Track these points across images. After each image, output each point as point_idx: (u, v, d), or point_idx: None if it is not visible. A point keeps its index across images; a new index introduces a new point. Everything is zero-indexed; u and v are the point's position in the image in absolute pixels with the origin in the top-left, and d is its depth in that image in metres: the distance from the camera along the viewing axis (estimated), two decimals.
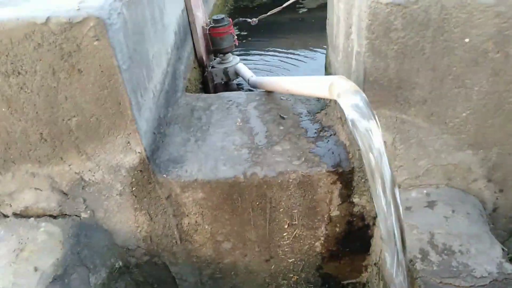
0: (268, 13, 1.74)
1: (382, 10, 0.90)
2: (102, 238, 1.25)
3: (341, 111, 0.85)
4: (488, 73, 0.96)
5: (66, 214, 1.22)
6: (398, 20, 0.90)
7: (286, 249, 1.35)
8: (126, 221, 1.25)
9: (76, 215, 1.22)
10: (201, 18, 2.03)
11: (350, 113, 0.80)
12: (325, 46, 1.77)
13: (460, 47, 0.93)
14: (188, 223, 1.28)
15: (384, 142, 1.08)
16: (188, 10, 1.83)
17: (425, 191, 1.16)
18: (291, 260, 1.38)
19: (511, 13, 0.88)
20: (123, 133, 1.08)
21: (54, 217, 1.21)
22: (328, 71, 1.72)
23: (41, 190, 1.17)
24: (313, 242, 1.33)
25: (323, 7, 1.59)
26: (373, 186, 0.83)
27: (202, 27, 2.04)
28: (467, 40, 0.92)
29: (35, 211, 1.21)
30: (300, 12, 3.79)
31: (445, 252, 1.02)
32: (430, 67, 0.96)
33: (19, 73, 0.97)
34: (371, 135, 0.77)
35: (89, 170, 1.14)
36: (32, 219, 1.20)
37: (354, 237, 1.31)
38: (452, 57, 0.94)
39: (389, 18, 0.90)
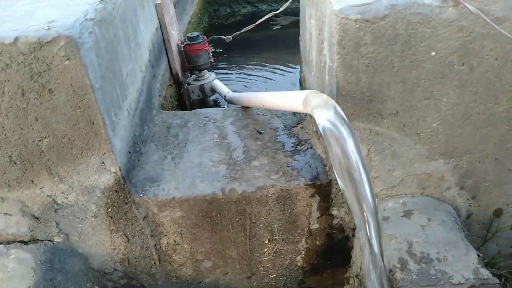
0: (243, 30, 1.76)
1: (351, 26, 0.92)
2: (76, 262, 1.20)
3: (316, 124, 0.86)
4: (455, 85, 1.00)
5: (38, 239, 1.17)
6: (367, 35, 0.93)
7: (267, 265, 1.33)
8: (102, 243, 1.21)
9: (48, 240, 1.17)
10: (175, 35, 2.04)
11: (324, 126, 0.81)
12: (299, 62, 1.81)
13: (427, 60, 0.97)
14: (167, 243, 1.25)
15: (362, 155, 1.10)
16: (162, 28, 1.83)
17: (401, 201, 1.18)
18: (273, 276, 1.37)
19: (473, 27, 0.93)
20: (97, 153, 1.05)
21: (25, 242, 1.16)
22: (303, 86, 1.74)
23: (10, 215, 1.13)
24: (294, 256, 1.32)
25: (296, 24, 1.62)
26: (350, 201, 0.83)
27: (177, 44, 2.04)
28: (433, 53, 0.96)
29: (5, 237, 1.16)
30: (274, 29, 3.87)
31: (423, 260, 1.03)
32: (400, 80, 0.99)
33: None
34: (346, 147, 0.78)
35: (62, 193, 1.10)
36: (1, 246, 1.14)
37: (334, 250, 1.32)
38: (420, 70, 0.98)
39: (358, 34, 0.93)
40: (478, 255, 1.04)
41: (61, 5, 1.08)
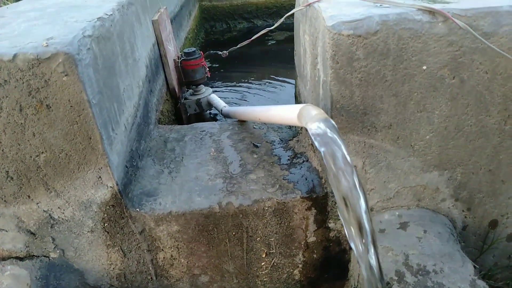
0: (238, 45, 1.79)
1: (344, 41, 0.94)
2: (72, 278, 1.19)
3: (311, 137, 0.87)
4: (447, 98, 1.02)
5: (33, 255, 1.16)
6: (360, 50, 0.95)
7: (265, 279, 1.33)
8: (98, 259, 1.21)
9: (44, 256, 1.17)
10: (172, 51, 2.06)
11: (318, 139, 0.82)
12: (294, 76, 1.83)
13: (418, 74, 0.99)
14: (164, 258, 1.25)
15: (355, 166, 1.11)
16: (159, 44, 1.86)
17: (397, 213, 1.19)
18: None
19: (462, 41, 0.95)
20: (94, 168, 1.06)
21: (21, 258, 1.15)
22: (298, 99, 1.76)
23: (6, 231, 1.12)
24: (291, 270, 1.32)
25: (291, 39, 1.65)
26: (342, 212, 0.84)
27: (174, 60, 2.07)
28: (424, 67, 0.98)
29: (0, 253, 1.15)
30: (269, 44, 3.92)
31: (420, 272, 1.03)
32: (393, 93, 1.01)
33: None
34: (340, 160, 0.79)
35: (59, 208, 1.10)
36: None
37: (331, 263, 1.32)
38: (412, 83, 1.00)
39: (351, 49, 0.95)
40: (475, 267, 1.04)
41: (59, 23, 1.10)
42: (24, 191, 1.07)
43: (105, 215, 1.14)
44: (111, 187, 1.10)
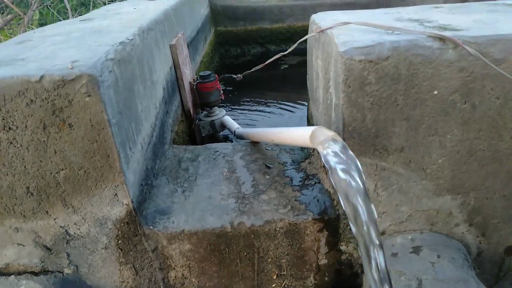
0: (252, 69, 1.83)
1: (356, 66, 0.97)
2: None
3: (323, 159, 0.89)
4: (458, 122, 1.03)
5: (48, 270, 1.18)
6: (371, 75, 0.98)
7: None
8: (110, 276, 1.22)
9: (58, 271, 1.18)
10: (188, 74, 2.13)
11: (330, 162, 0.84)
12: (307, 100, 1.86)
13: (430, 98, 1.00)
14: (175, 277, 1.25)
15: (368, 189, 1.11)
16: (176, 67, 1.92)
17: (409, 237, 1.18)
18: None
19: (473, 68, 0.97)
20: (110, 185, 1.09)
21: (36, 273, 1.17)
22: (310, 122, 1.79)
23: (23, 246, 1.15)
24: None
25: (303, 63, 1.69)
26: (357, 235, 0.85)
27: (190, 82, 2.13)
28: (435, 92, 1.00)
29: (16, 268, 1.17)
30: (282, 68, 3.99)
31: None
32: (404, 117, 1.03)
33: (9, 128, 1.00)
34: (351, 183, 0.81)
35: (75, 224, 1.13)
36: (12, 276, 1.16)
37: (343, 286, 1.30)
38: (424, 108, 1.01)
39: (363, 73, 0.98)
40: None
41: (84, 46, 1.16)
42: (43, 206, 1.10)
43: (120, 232, 1.16)
44: (126, 204, 1.12)
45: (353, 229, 0.84)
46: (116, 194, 1.10)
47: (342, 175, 0.82)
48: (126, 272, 1.22)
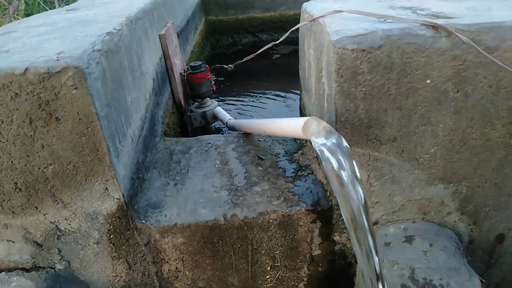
0: (244, 59, 1.81)
1: (348, 56, 0.96)
2: None
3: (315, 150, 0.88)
4: (451, 111, 1.03)
5: (40, 267, 1.17)
6: (364, 64, 0.97)
7: None
8: (103, 270, 1.21)
9: (50, 267, 1.17)
10: (179, 65, 2.10)
11: (322, 152, 0.83)
12: (299, 90, 1.85)
13: (422, 87, 1.00)
14: (169, 270, 1.25)
15: (360, 179, 1.11)
16: (166, 57, 1.89)
17: (402, 226, 1.19)
18: None
19: (465, 56, 0.96)
20: (100, 180, 1.07)
21: (27, 270, 1.16)
22: (302, 112, 1.78)
23: (13, 242, 1.13)
24: (296, 283, 1.31)
25: (295, 52, 1.67)
26: (348, 225, 0.84)
27: (180, 73, 2.10)
28: (428, 81, 0.99)
29: (7, 264, 1.16)
30: (274, 57, 3.96)
31: (426, 286, 1.03)
32: (397, 106, 1.02)
33: None
34: (343, 173, 0.80)
35: (65, 219, 1.11)
36: (3, 273, 1.14)
37: (337, 277, 1.31)
38: (416, 97, 1.01)
39: (355, 63, 0.97)
40: (482, 281, 1.03)
41: (70, 37, 1.13)
42: (32, 202, 1.08)
43: (111, 226, 1.14)
44: (117, 198, 1.11)
45: (345, 217, 0.84)
46: (106, 189, 1.09)
47: (335, 165, 0.81)
48: (119, 266, 1.21)
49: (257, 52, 1.64)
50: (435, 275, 1.04)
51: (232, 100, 3.11)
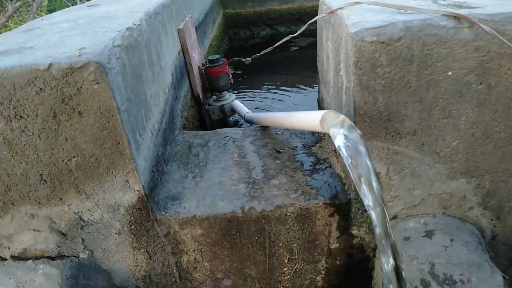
0: (261, 52, 1.81)
1: (367, 48, 0.95)
2: (100, 279, 1.23)
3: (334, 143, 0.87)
4: (473, 104, 1.00)
5: (64, 255, 1.21)
6: (383, 56, 0.95)
7: (287, 285, 1.33)
8: (124, 260, 1.24)
9: (74, 256, 1.21)
10: (197, 58, 2.11)
11: (341, 145, 0.82)
12: (317, 82, 1.83)
13: (444, 80, 0.97)
14: (188, 261, 1.27)
15: (378, 173, 1.10)
16: (184, 51, 1.90)
17: (422, 221, 1.17)
18: None
19: (489, 47, 0.93)
20: (122, 172, 1.10)
21: (52, 258, 1.20)
22: (321, 105, 1.76)
23: (39, 232, 1.17)
24: (314, 276, 1.31)
25: (314, 45, 1.66)
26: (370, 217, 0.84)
27: (198, 67, 2.11)
28: (450, 73, 0.96)
29: (33, 253, 1.20)
30: (292, 50, 3.93)
31: (446, 282, 1.01)
32: (417, 99, 1.00)
33: (21, 116, 1.00)
34: (362, 166, 0.79)
35: (88, 210, 1.15)
36: (30, 261, 1.19)
37: (355, 270, 1.30)
38: (437, 89, 0.99)
39: (374, 55, 0.95)
40: (504, 278, 1.01)
41: (91, 33, 1.16)
42: (57, 193, 1.12)
43: (132, 217, 1.17)
44: (137, 190, 1.13)
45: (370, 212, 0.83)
46: (127, 181, 1.11)
47: (353, 161, 0.80)
48: (139, 256, 1.24)
49: (275, 45, 1.63)
50: (455, 271, 1.03)
51: (250, 93, 3.11)
